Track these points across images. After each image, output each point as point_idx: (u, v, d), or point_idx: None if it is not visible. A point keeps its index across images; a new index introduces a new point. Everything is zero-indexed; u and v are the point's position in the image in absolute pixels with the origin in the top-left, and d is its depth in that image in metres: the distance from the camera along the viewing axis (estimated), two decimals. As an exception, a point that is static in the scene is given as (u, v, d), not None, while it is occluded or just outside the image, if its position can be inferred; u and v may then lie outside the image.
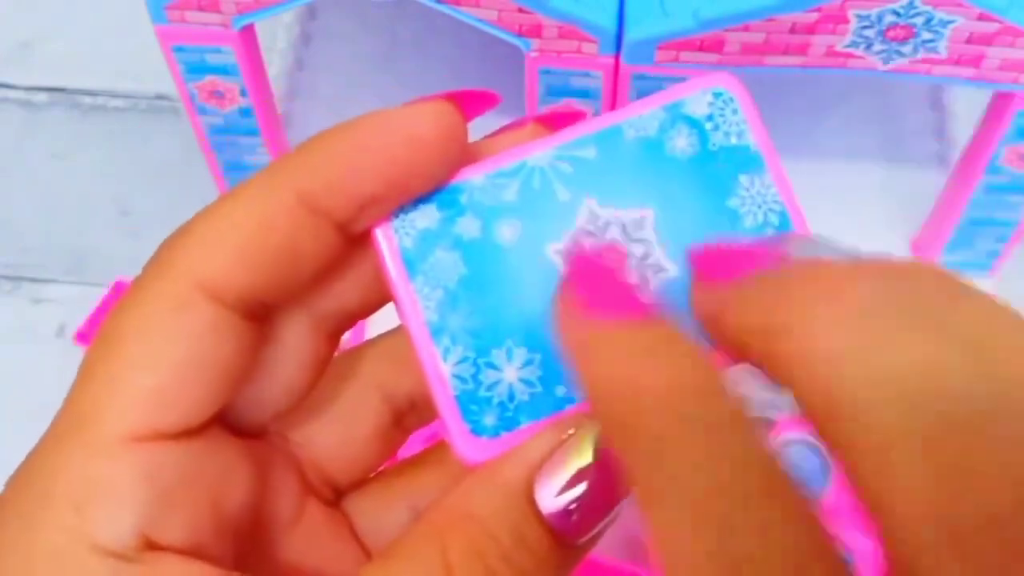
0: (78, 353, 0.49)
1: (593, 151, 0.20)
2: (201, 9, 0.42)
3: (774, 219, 0.20)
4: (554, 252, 0.19)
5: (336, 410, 0.22)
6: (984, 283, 0.51)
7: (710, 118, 0.20)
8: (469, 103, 0.19)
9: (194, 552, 0.17)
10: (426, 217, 0.19)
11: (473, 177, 0.20)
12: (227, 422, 0.20)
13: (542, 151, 0.20)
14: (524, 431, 0.19)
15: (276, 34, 0.58)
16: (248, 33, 0.44)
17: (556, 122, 0.20)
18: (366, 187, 0.18)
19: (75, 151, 0.58)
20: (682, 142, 0.20)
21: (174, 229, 0.19)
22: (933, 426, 0.14)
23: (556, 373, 0.19)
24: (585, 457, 0.17)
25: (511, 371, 0.19)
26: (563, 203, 0.19)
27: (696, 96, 0.20)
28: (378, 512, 0.22)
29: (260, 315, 0.19)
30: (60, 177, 0.57)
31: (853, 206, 0.53)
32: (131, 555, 0.16)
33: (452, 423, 0.19)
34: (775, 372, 0.16)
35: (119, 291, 0.50)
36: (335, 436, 0.22)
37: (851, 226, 0.52)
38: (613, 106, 0.44)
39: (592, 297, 0.17)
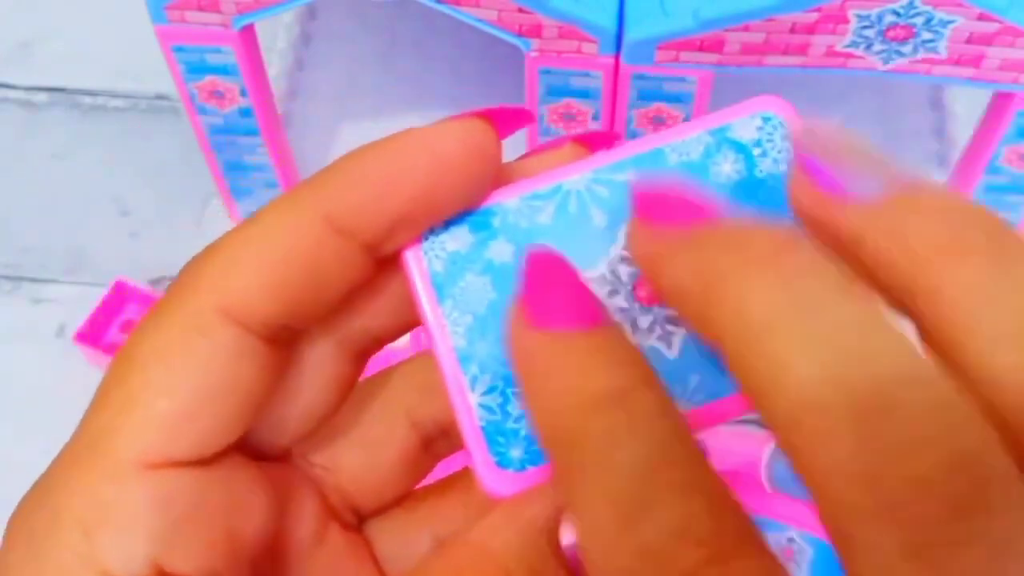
0: (78, 353, 0.49)
1: (633, 175, 0.19)
2: (201, 9, 0.42)
3: None
4: (587, 280, 0.18)
5: (362, 435, 0.21)
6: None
7: (758, 143, 0.19)
8: (503, 120, 0.19)
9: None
10: (457, 240, 0.19)
11: (507, 199, 0.19)
12: (246, 446, 0.19)
13: (579, 174, 0.19)
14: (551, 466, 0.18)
15: (276, 34, 0.58)
16: (248, 33, 0.44)
17: (593, 142, 0.20)
18: (394, 208, 0.18)
19: (75, 151, 0.58)
20: (728, 168, 0.19)
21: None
22: (856, 396, 0.14)
23: None
24: None
25: None
26: (599, 228, 0.19)
27: (744, 120, 0.19)
28: (401, 538, 0.22)
29: (284, 339, 0.18)
30: (60, 177, 0.57)
31: (853, 206, 0.53)
32: None
33: (478, 454, 0.18)
34: (708, 336, 0.16)
35: (119, 291, 0.50)
36: (360, 461, 0.21)
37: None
38: (613, 106, 0.44)
39: (543, 306, 0.16)
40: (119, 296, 0.50)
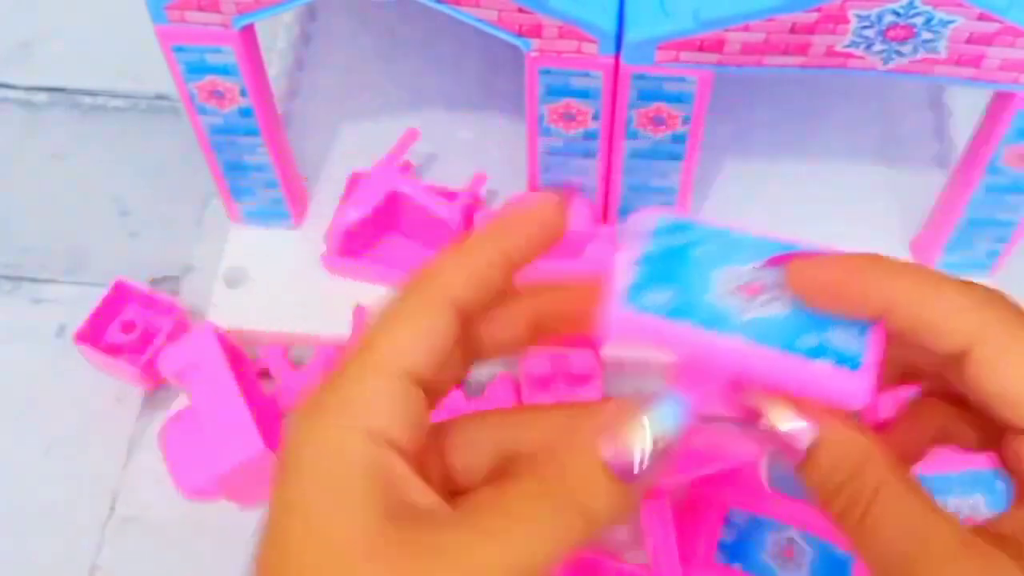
0: (78, 353, 0.49)
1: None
2: (201, 9, 0.42)
3: None
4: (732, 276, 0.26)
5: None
6: (983, 283, 0.51)
7: None
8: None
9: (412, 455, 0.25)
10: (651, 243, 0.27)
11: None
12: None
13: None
14: (653, 318, 0.25)
15: (276, 34, 0.58)
16: (248, 33, 0.44)
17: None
18: (495, 295, 0.26)
19: (75, 151, 0.58)
20: None
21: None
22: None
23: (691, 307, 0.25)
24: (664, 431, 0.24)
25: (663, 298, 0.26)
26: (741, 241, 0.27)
27: None
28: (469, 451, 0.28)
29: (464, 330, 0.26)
30: (60, 177, 0.57)
31: (853, 206, 0.53)
32: (379, 441, 0.24)
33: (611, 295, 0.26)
34: (869, 312, 0.25)
35: (119, 291, 0.50)
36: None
37: (851, 226, 0.52)
38: (613, 106, 0.44)
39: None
40: (119, 296, 0.50)
